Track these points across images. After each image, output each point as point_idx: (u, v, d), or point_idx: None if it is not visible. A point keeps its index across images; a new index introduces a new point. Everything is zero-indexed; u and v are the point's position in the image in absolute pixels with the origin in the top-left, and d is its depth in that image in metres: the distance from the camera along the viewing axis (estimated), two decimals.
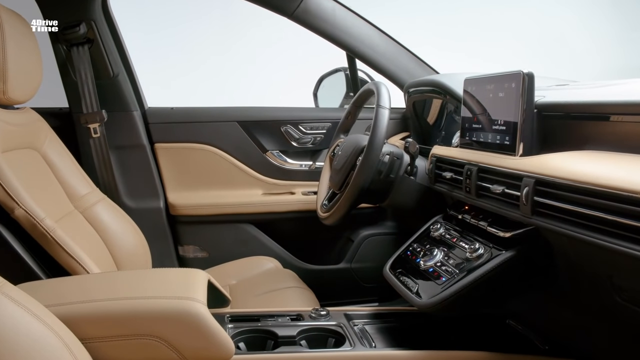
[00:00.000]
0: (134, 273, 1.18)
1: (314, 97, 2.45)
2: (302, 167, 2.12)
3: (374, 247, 2.11)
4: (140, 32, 3.12)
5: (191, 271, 1.16)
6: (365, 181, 1.47)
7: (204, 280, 1.13)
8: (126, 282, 1.09)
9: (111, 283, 1.09)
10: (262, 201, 2.05)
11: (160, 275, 1.15)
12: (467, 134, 1.32)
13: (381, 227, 2.14)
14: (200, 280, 1.11)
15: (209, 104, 2.08)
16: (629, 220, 0.78)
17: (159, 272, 1.19)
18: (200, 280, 1.11)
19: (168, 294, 1.01)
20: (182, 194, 2.02)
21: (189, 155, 2.02)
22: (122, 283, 1.09)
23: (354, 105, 1.79)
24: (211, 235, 2.04)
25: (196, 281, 1.10)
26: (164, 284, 1.08)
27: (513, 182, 1.07)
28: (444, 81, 1.57)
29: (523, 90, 1.10)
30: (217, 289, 1.23)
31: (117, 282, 1.10)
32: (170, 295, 1.01)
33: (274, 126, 2.06)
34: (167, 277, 1.13)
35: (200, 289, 1.07)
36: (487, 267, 1.08)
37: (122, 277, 1.14)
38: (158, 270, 1.20)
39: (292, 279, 1.77)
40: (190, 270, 1.17)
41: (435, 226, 1.35)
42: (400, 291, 1.24)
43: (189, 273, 1.15)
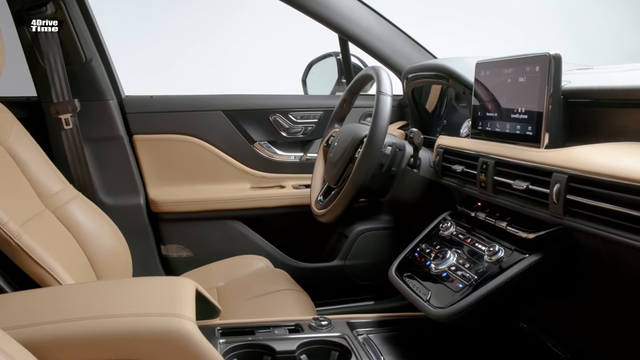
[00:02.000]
0: (113, 285, 1.05)
1: (303, 84, 2.32)
2: (293, 158, 1.99)
3: (370, 243, 2.00)
4: (116, 22, 2.93)
5: (177, 280, 1.04)
6: (366, 175, 1.35)
7: (191, 290, 1.01)
8: (104, 297, 0.97)
9: (87, 297, 0.96)
10: (250, 196, 1.92)
11: (143, 286, 1.02)
12: (479, 123, 1.20)
13: (377, 221, 2.02)
14: (188, 292, 0.99)
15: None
16: None
17: (142, 282, 1.06)
18: (187, 291, 1.00)
19: (152, 309, 0.90)
20: (163, 190, 1.88)
21: (170, 147, 1.88)
22: (99, 297, 0.96)
23: (350, 92, 1.66)
24: (196, 233, 1.91)
25: (183, 293, 0.98)
26: (147, 297, 0.95)
27: (539, 178, 0.95)
28: (450, 66, 1.45)
29: (549, 74, 0.98)
30: (206, 298, 1.11)
31: (94, 296, 0.97)
32: (155, 312, 0.89)
33: (262, 115, 1.93)
34: (150, 288, 1.00)
35: (188, 303, 0.95)
36: (511, 273, 0.97)
37: (100, 290, 1.01)
38: (140, 280, 1.07)
39: (285, 280, 1.65)
40: (176, 280, 1.05)
41: (445, 224, 1.24)
42: (410, 298, 1.12)
43: (175, 283, 1.03)
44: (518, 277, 0.96)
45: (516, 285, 0.96)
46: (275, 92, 2.01)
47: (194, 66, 3.59)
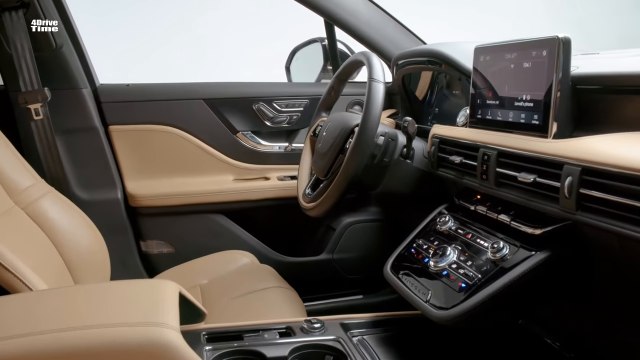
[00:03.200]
0: (88, 290, 0.96)
1: (287, 71, 2.23)
2: (278, 149, 1.92)
3: (358, 236, 1.93)
4: (89, 13, 2.79)
5: (158, 284, 0.96)
6: (358, 167, 1.27)
7: (174, 294, 0.93)
8: (79, 305, 0.88)
9: (60, 306, 0.88)
10: (233, 188, 1.84)
11: (122, 291, 0.94)
12: (478, 111, 1.14)
13: (365, 213, 1.96)
14: (170, 296, 0.92)
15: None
16: None
17: (120, 287, 0.97)
18: (170, 295, 0.92)
19: (132, 318, 0.82)
20: (142, 183, 1.79)
21: (149, 138, 1.79)
22: (73, 306, 0.88)
23: (338, 79, 1.58)
24: (177, 228, 1.83)
25: (165, 297, 0.90)
26: (126, 304, 0.87)
27: (548, 170, 0.89)
28: (444, 51, 1.38)
29: (558, 59, 0.91)
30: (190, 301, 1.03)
31: (68, 304, 0.88)
32: (135, 321, 0.81)
33: (244, 104, 1.84)
34: (129, 294, 0.92)
35: (171, 309, 0.87)
36: (518, 272, 0.91)
37: (74, 297, 0.92)
38: (118, 284, 0.98)
39: (271, 277, 1.58)
40: (157, 283, 0.97)
41: (443, 218, 1.17)
42: (409, 298, 1.06)
43: (157, 287, 0.95)
44: (526, 276, 0.90)
45: (524, 284, 0.90)
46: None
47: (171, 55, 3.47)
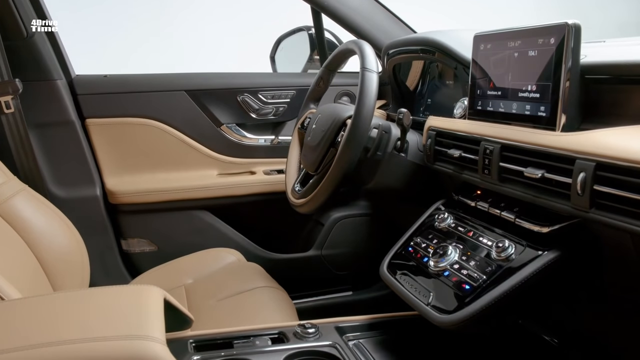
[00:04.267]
0: (67, 299, 0.89)
1: (271, 61, 2.16)
2: (264, 142, 1.85)
3: (347, 231, 1.88)
4: (65, 10, 2.67)
5: (142, 290, 0.89)
6: (352, 161, 1.21)
7: (159, 302, 0.87)
8: (55, 316, 0.81)
9: (34, 318, 0.80)
10: (218, 183, 1.77)
11: (102, 300, 0.87)
12: (478, 102, 1.08)
13: (354, 207, 1.90)
14: (155, 304, 0.85)
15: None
16: None
17: (100, 294, 0.90)
18: (154, 302, 0.85)
19: (115, 331, 0.75)
20: (122, 179, 1.71)
21: (128, 132, 1.70)
22: (49, 318, 0.80)
23: (327, 69, 1.52)
24: (160, 226, 1.75)
25: (149, 306, 0.84)
26: (107, 315, 0.80)
27: (558, 165, 0.84)
28: (440, 39, 1.32)
29: (567, 46, 0.86)
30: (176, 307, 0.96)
31: (43, 316, 0.81)
32: (118, 334, 0.74)
33: (229, 95, 1.77)
34: (110, 302, 0.85)
35: (156, 318, 0.81)
36: (526, 273, 0.86)
37: (49, 308, 0.85)
38: (98, 292, 0.91)
39: (260, 276, 1.52)
40: (140, 290, 0.90)
41: (441, 215, 1.12)
42: (408, 300, 1.00)
43: (140, 293, 0.88)
44: (535, 277, 0.85)
45: (532, 286, 0.86)
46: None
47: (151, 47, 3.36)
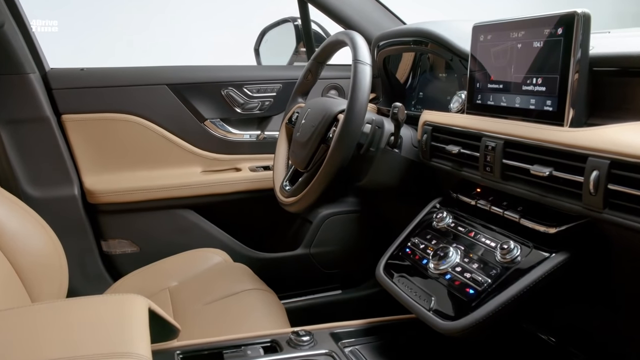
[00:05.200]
0: (45, 311, 0.82)
1: (256, 54, 2.10)
2: (249, 137, 1.78)
3: (335, 228, 1.83)
4: (46, 8, 2.56)
5: (124, 301, 0.83)
6: (345, 158, 1.16)
7: (143, 313, 0.81)
8: (34, 331, 0.75)
9: (10, 333, 0.74)
10: (202, 181, 1.70)
11: (83, 312, 0.80)
12: (478, 96, 1.03)
13: (342, 204, 1.85)
14: (139, 315, 0.80)
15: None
16: None
17: (81, 306, 0.84)
18: (138, 314, 0.80)
19: (97, 349, 0.70)
20: (101, 178, 1.63)
21: (107, 128, 1.62)
22: (27, 332, 0.74)
23: (316, 61, 1.46)
24: (142, 226, 1.67)
25: (134, 317, 0.78)
26: (89, 329, 0.74)
27: (567, 163, 0.79)
28: (435, 30, 1.27)
29: (576, 37, 0.81)
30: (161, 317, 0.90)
31: (20, 331, 0.75)
32: (101, 352, 0.69)
33: (213, 89, 1.70)
34: (92, 315, 0.79)
35: (141, 332, 0.76)
36: (535, 276, 0.81)
37: (27, 322, 0.78)
38: (79, 303, 0.84)
39: (247, 277, 1.46)
40: (123, 300, 0.84)
41: (440, 214, 1.07)
42: (408, 305, 0.95)
43: (123, 304, 0.82)
44: (543, 281, 0.81)
45: (541, 289, 0.81)
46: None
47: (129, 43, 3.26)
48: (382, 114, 1.46)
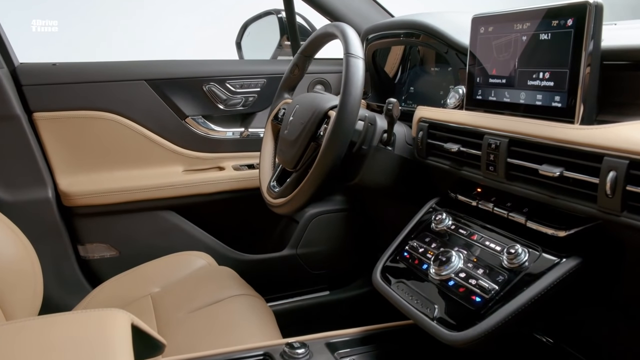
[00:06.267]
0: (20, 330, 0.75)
1: (237, 48, 2.02)
2: (232, 135, 1.71)
3: (322, 228, 1.77)
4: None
5: (106, 318, 0.77)
6: (338, 156, 1.10)
7: (125, 329, 0.75)
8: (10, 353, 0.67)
9: None
10: (183, 181, 1.63)
11: (64, 331, 0.73)
12: (478, 91, 0.98)
13: (329, 203, 1.79)
14: (122, 333, 0.73)
15: None
16: None
17: (61, 324, 0.77)
18: (120, 332, 0.73)
19: None
20: (77, 179, 1.54)
21: (82, 126, 1.54)
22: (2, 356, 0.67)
23: (303, 55, 1.39)
24: (121, 229, 1.60)
25: (115, 334, 0.72)
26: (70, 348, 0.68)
27: (578, 162, 0.75)
28: (429, 22, 1.21)
29: (588, 28, 0.76)
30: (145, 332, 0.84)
31: None
32: None
33: (194, 85, 1.62)
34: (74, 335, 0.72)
35: (124, 350, 0.70)
36: (546, 282, 0.77)
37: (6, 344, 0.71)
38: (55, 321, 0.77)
39: (234, 282, 1.40)
40: (105, 317, 0.77)
41: (439, 216, 1.02)
42: (410, 314, 0.90)
43: (104, 320, 0.76)
44: (555, 288, 0.76)
45: (552, 297, 0.76)
46: None
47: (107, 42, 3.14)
48: (372, 110, 1.41)
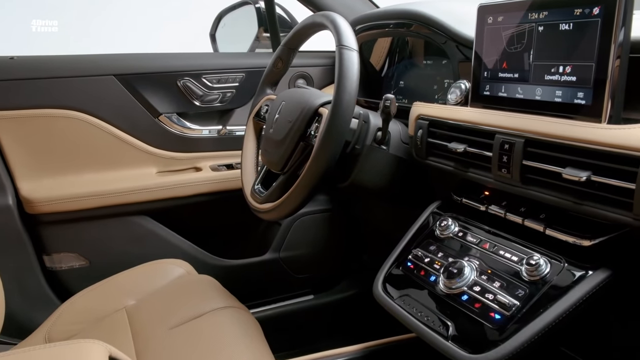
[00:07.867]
0: None
1: (212, 40, 1.91)
2: (209, 133, 1.60)
3: (306, 230, 1.70)
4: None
5: (81, 351, 0.66)
6: (333, 157, 1.01)
7: None
8: None
9: None
10: (157, 183, 1.52)
11: None
12: (485, 86, 0.91)
13: (312, 203, 1.70)
14: None
15: None
16: None
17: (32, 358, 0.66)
18: None
19: None
20: (40, 184, 1.41)
21: (45, 126, 1.41)
22: None
23: (287, 47, 1.29)
24: (91, 237, 1.47)
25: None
26: None
27: (608, 166, 0.68)
28: (424, 11, 1.13)
29: (618, 17, 0.69)
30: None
31: None
32: None
33: (167, 80, 1.51)
34: None
35: None
36: (574, 297, 0.69)
37: None
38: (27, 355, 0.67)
39: (216, 292, 1.30)
40: (80, 350, 0.67)
41: (444, 222, 0.94)
42: (420, 333, 0.82)
43: (79, 355, 0.65)
44: (584, 303, 0.69)
45: (581, 313, 0.70)
46: None
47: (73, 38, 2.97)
48: (359, 105, 1.32)
